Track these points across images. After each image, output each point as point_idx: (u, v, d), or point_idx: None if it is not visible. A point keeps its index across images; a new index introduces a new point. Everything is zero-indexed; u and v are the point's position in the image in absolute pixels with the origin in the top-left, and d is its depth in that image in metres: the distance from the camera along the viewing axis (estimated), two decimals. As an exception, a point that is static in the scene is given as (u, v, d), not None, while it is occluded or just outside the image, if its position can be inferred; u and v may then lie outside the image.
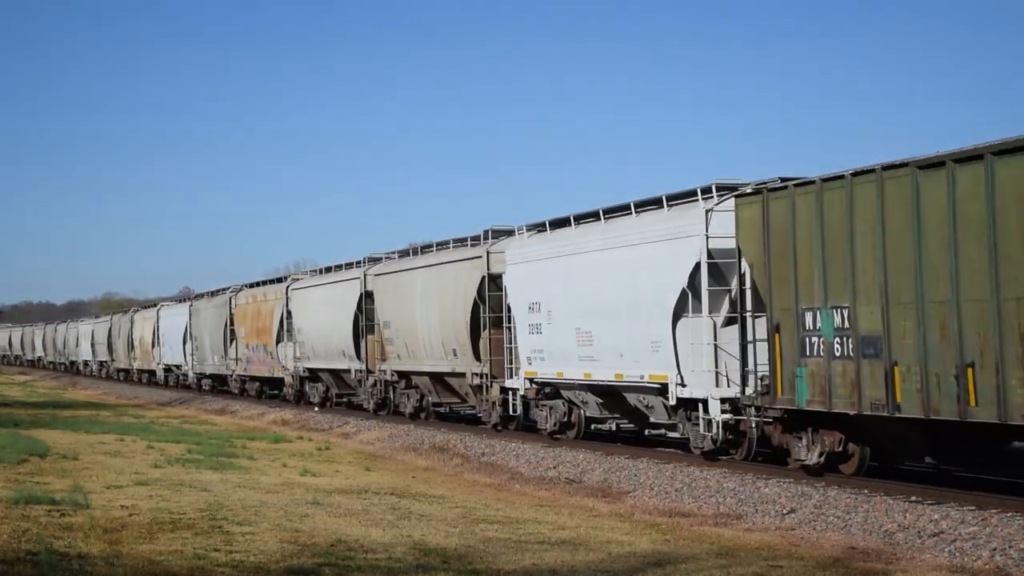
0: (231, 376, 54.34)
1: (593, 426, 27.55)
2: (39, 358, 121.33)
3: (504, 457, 27.04)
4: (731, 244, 21.30)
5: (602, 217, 25.73)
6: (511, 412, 29.64)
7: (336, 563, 13.49)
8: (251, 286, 53.07)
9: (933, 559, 14.89)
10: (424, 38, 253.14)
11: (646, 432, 27.11)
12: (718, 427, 21.74)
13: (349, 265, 42.07)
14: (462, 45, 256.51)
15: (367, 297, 38.38)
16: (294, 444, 32.08)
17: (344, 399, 43.00)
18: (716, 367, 21.74)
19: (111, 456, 26.64)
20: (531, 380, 28.10)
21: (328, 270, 44.14)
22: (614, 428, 27.07)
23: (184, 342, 62.35)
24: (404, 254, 38.11)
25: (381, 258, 39.88)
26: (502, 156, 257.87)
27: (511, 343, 29.17)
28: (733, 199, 21.23)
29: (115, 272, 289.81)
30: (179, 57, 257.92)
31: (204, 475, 23.03)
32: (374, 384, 38.44)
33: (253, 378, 51.46)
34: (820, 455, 19.95)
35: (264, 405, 47.97)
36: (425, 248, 35.96)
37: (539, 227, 28.37)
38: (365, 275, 38.83)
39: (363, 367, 39.02)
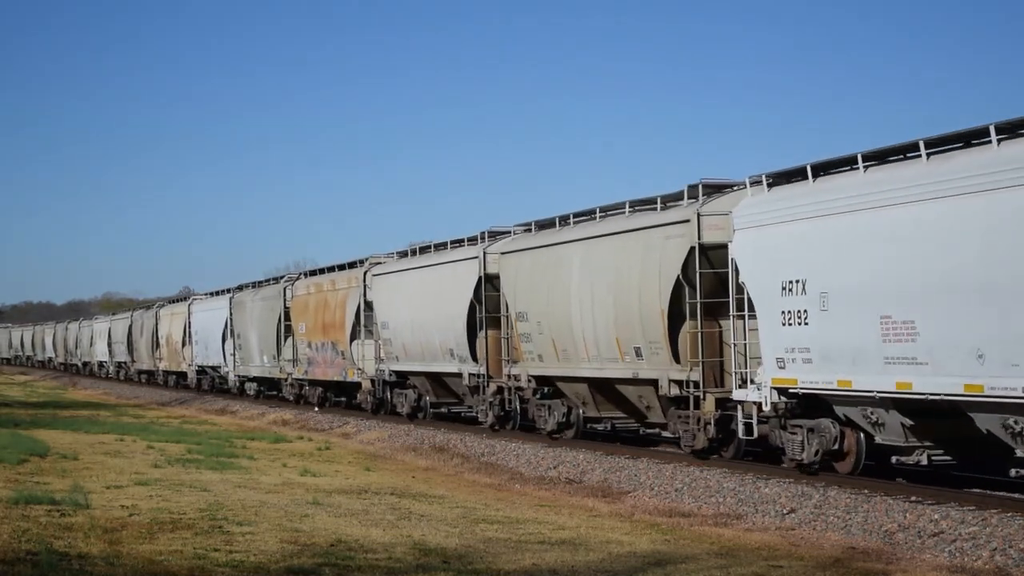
0: (286, 380, 46.63)
1: (896, 458, 19.85)
2: (50, 359, 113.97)
3: (504, 457, 27.04)
4: None
5: (923, 152, 17.65)
6: (735, 433, 21.64)
7: (336, 563, 13.49)
8: (312, 273, 45.16)
9: (933, 559, 14.89)
10: (423, 38, 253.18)
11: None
12: None
13: (458, 243, 33.46)
14: (462, 44, 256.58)
15: (487, 282, 30.54)
16: (294, 444, 32.09)
17: (443, 409, 35.67)
18: None
19: (111, 456, 26.64)
20: (781, 390, 20.09)
21: (425, 250, 35.75)
22: (924, 462, 19.16)
23: (223, 340, 55.01)
24: (544, 226, 29.14)
25: (508, 231, 31.54)
26: (501, 156, 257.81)
27: (749, 338, 21.03)
28: None
29: (115, 272, 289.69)
30: (179, 57, 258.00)
31: (204, 475, 23.03)
32: (497, 392, 30.16)
33: (316, 383, 43.73)
34: None
35: (264, 405, 47.95)
36: (579, 216, 27.45)
37: (787, 176, 20.37)
38: (485, 253, 30.55)
39: (480, 370, 30.72)
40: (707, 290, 21.86)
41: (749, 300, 20.54)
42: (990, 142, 16.53)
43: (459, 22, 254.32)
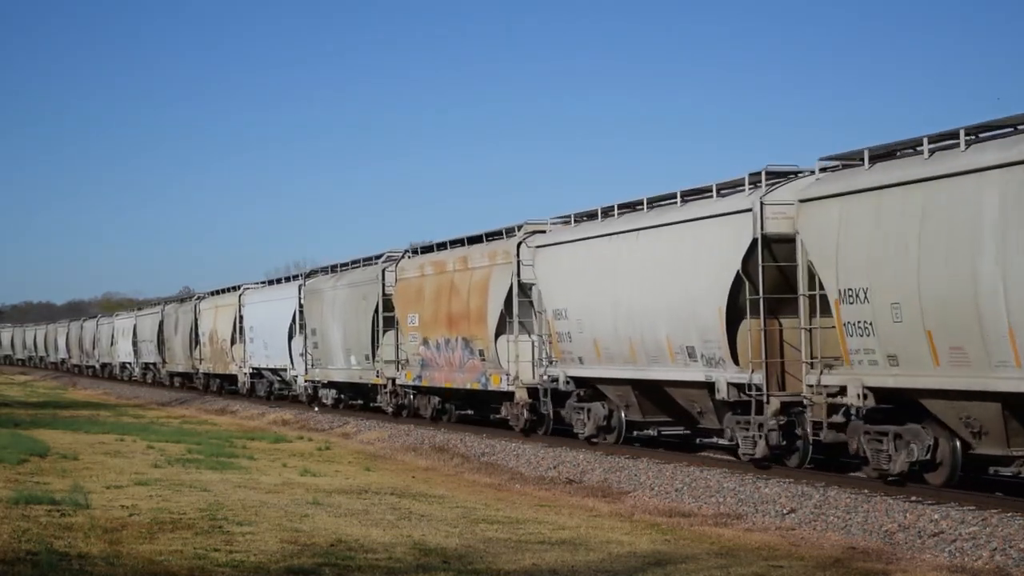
0: (385, 387, 37.34)
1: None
2: (63, 360, 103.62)
3: (504, 457, 27.04)
4: None
5: None
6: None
7: (336, 563, 13.49)
8: (426, 249, 35.79)
9: (933, 559, 14.89)
10: (423, 37, 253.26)
11: None
12: None
13: (693, 193, 22.99)
14: (461, 44, 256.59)
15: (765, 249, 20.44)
16: (294, 444, 32.09)
17: (650, 431, 26.16)
18: None
19: (111, 456, 26.64)
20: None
21: (624, 209, 25.29)
22: None
23: (289, 337, 45.93)
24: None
25: (790, 173, 21.25)
26: (503, 156, 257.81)
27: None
28: None
29: (115, 272, 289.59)
30: (179, 57, 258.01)
31: (204, 475, 23.03)
32: (779, 412, 20.50)
33: (433, 391, 34.73)
34: None
35: (264, 405, 47.95)
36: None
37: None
38: (762, 206, 20.27)
39: (747, 379, 20.69)
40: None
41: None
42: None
43: (460, 21, 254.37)
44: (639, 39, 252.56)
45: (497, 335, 29.64)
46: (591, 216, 26.36)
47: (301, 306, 44.30)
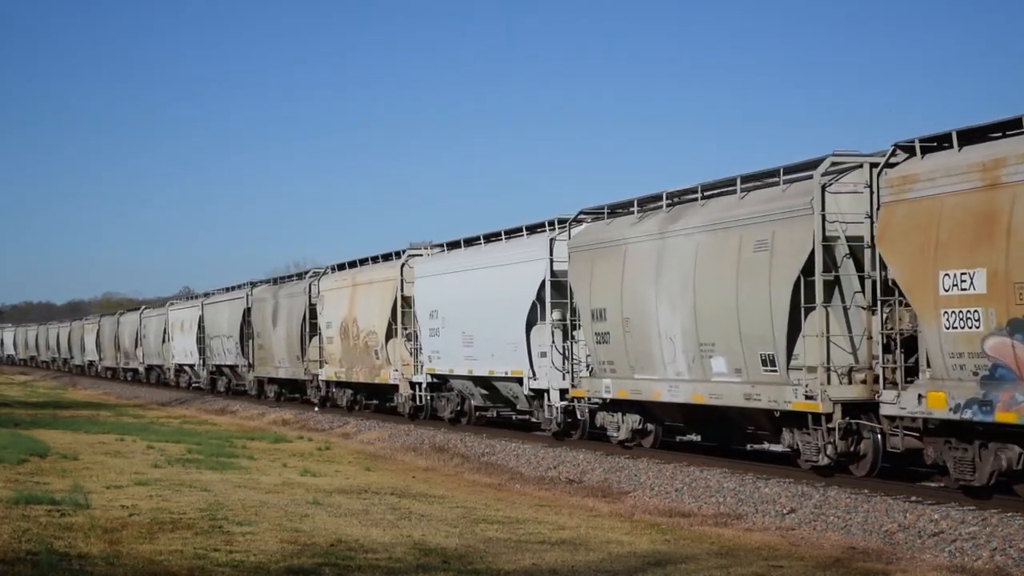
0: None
1: None
2: (90, 363, 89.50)
3: (504, 457, 27.04)
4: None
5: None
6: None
7: (336, 563, 13.49)
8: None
9: (933, 559, 14.89)
10: (423, 37, 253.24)
11: None
12: None
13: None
14: (461, 43, 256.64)
15: None
16: (294, 444, 32.09)
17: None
18: None
19: (111, 456, 26.64)
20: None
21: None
22: None
23: (528, 327, 28.42)
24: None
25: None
26: (504, 155, 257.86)
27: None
28: None
29: (115, 272, 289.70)
30: (179, 56, 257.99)
31: (204, 475, 23.04)
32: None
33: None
34: None
35: (264, 405, 47.98)
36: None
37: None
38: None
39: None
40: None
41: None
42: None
43: (460, 21, 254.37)
44: (638, 39, 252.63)
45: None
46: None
47: (555, 275, 27.45)
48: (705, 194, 22.51)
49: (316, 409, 43.21)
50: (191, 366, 61.77)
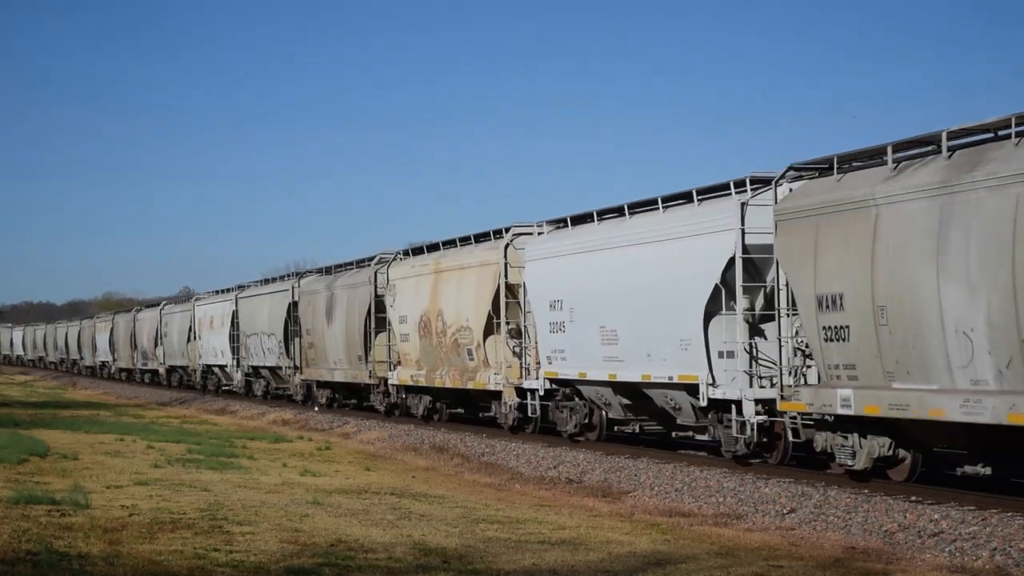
0: None
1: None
2: (103, 364, 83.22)
3: (504, 457, 27.04)
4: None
5: None
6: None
7: (336, 563, 13.49)
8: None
9: (933, 559, 14.89)
10: (423, 37, 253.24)
11: None
12: None
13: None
14: (461, 44, 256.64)
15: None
16: (294, 444, 32.09)
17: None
18: None
19: (111, 456, 26.64)
20: None
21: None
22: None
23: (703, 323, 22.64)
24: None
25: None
26: (504, 155, 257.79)
27: None
28: None
29: (115, 272, 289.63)
30: (179, 56, 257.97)
31: (204, 475, 23.04)
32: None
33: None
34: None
35: (265, 405, 47.95)
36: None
37: None
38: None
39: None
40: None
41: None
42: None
43: (460, 21, 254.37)
44: (639, 39, 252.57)
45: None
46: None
47: (748, 252, 21.61)
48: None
49: (316, 409, 43.15)
50: (222, 367, 55.21)
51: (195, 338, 58.92)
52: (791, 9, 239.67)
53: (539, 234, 28.88)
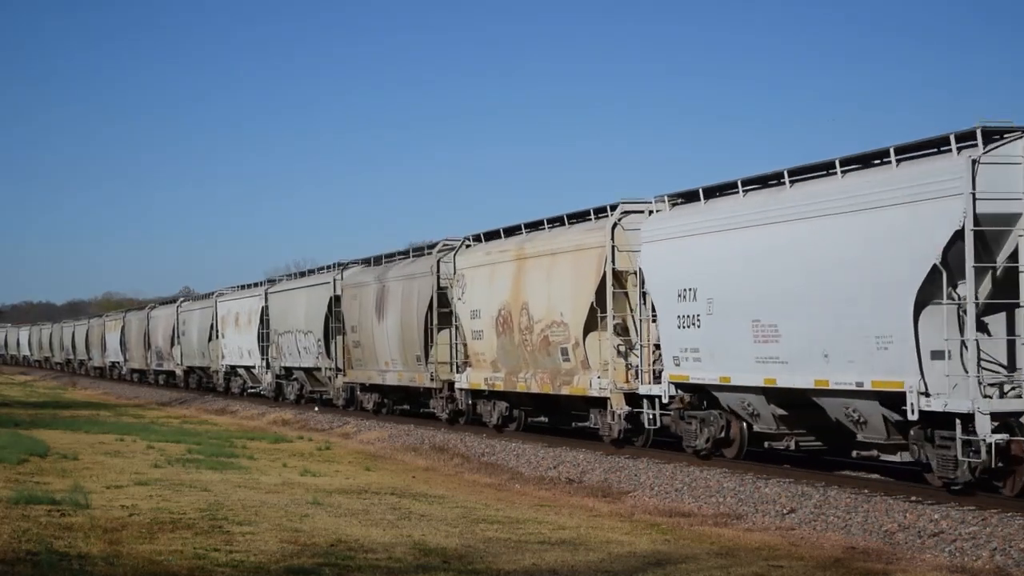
0: None
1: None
2: (112, 364, 78.44)
3: (504, 457, 27.03)
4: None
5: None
6: None
7: (336, 563, 13.49)
8: None
9: (933, 559, 14.90)
10: (422, 37, 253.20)
11: None
12: None
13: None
14: (461, 44, 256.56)
15: None
16: (294, 444, 32.09)
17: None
18: None
19: (111, 456, 26.64)
20: None
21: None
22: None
23: None
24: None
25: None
26: (503, 155, 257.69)
27: None
28: None
29: (115, 272, 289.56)
30: (179, 57, 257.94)
31: (204, 475, 23.03)
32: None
33: None
34: None
35: (264, 405, 47.94)
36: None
37: None
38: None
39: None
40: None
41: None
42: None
43: (460, 21, 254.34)
44: (640, 39, 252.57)
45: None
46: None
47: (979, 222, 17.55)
48: None
49: (316, 409, 43.15)
50: (248, 368, 51.00)
51: (217, 337, 54.76)
52: (791, 9, 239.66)
53: (656, 212, 24.07)
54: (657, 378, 23.53)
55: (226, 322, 53.25)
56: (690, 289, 22.06)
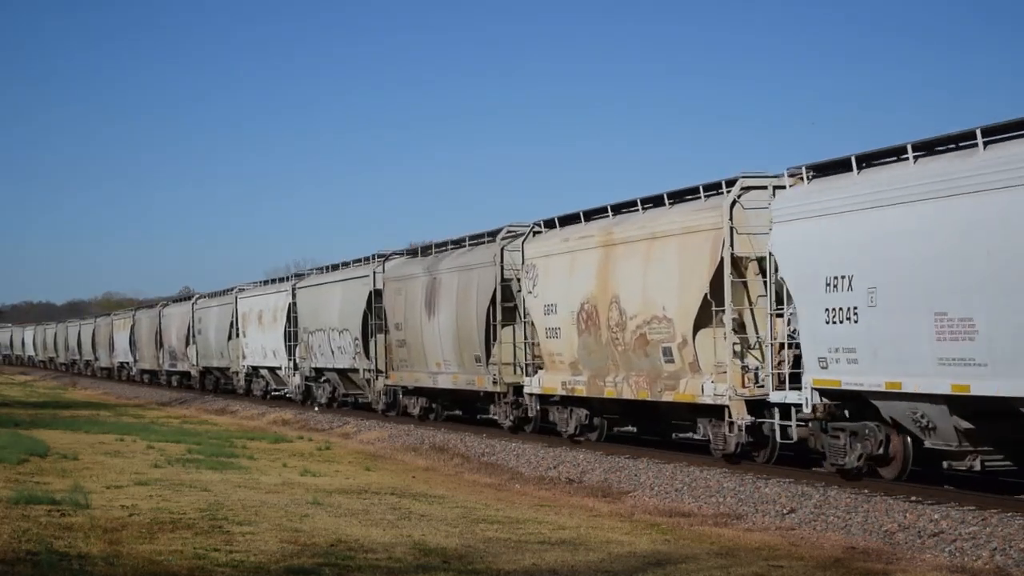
0: None
1: None
2: (121, 365, 74.29)
3: (504, 457, 27.04)
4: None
5: None
6: None
7: (336, 563, 13.49)
8: None
9: (933, 559, 14.90)
10: (422, 37, 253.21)
11: None
12: None
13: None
14: (460, 44, 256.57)
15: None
16: (294, 444, 32.09)
17: None
18: None
19: (111, 456, 26.64)
20: None
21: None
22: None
23: None
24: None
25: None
26: (503, 155, 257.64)
27: None
28: None
29: (115, 272, 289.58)
30: (180, 57, 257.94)
31: (204, 475, 23.03)
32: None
33: None
34: None
35: (265, 405, 47.95)
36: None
37: None
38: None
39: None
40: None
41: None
42: None
43: (460, 21, 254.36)
44: (640, 39, 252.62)
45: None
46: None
47: None
48: None
49: (316, 409, 43.16)
50: (273, 369, 47.78)
51: (239, 335, 51.13)
52: (791, 9, 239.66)
53: (789, 187, 20.52)
54: (782, 382, 20.22)
55: (248, 320, 49.92)
56: (843, 276, 18.51)
